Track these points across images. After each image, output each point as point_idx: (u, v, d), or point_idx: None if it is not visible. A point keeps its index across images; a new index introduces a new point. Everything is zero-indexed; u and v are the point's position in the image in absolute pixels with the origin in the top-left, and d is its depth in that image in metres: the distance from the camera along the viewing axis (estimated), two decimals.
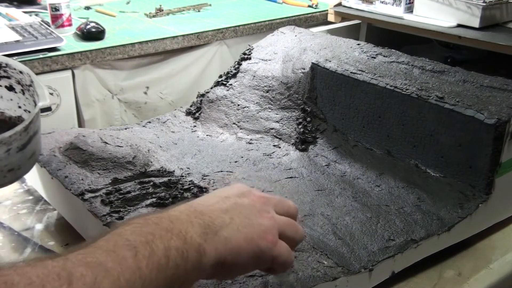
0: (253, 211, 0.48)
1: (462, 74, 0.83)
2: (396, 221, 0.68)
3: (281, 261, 0.48)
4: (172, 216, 0.44)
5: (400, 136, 0.79)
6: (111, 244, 0.39)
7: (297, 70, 0.94)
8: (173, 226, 0.42)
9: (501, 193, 0.72)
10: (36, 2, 1.83)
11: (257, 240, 0.46)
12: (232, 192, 0.50)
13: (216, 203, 0.48)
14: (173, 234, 0.41)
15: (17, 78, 0.72)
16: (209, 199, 0.49)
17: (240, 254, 0.45)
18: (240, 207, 0.48)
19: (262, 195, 0.51)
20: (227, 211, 0.47)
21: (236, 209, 0.48)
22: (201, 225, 0.44)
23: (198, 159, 0.85)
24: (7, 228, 0.78)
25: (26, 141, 0.63)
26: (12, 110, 0.75)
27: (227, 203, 0.48)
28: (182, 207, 0.46)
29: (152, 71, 1.59)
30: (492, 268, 0.70)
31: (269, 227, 0.48)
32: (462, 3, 1.38)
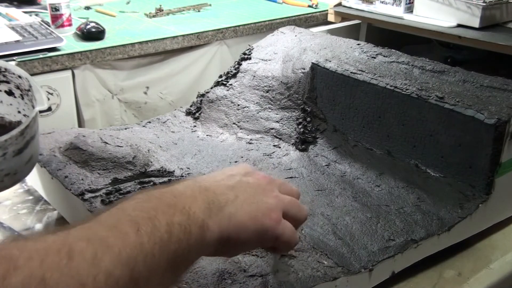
0: (258, 189, 0.49)
1: (462, 74, 0.83)
2: (396, 221, 0.68)
3: (285, 240, 0.48)
4: (176, 191, 0.44)
5: (400, 136, 0.79)
6: (114, 219, 0.39)
7: (297, 70, 0.94)
8: (177, 201, 0.42)
9: (501, 193, 0.72)
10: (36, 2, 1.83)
11: (261, 217, 0.46)
12: (237, 171, 0.51)
13: (221, 180, 0.48)
14: (176, 209, 0.41)
15: (16, 82, 0.72)
16: (215, 176, 0.49)
17: (244, 230, 0.45)
18: (246, 184, 0.49)
19: (267, 175, 0.52)
20: (233, 188, 0.47)
21: (241, 186, 0.48)
22: (205, 200, 0.44)
23: (198, 159, 0.85)
24: (7, 228, 0.78)
25: (23, 145, 0.62)
26: (12, 115, 0.75)
27: (233, 180, 0.49)
28: (188, 181, 0.47)
29: (152, 71, 1.59)
30: (492, 268, 0.70)
31: (274, 205, 0.48)
32: (462, 3, 1.38)
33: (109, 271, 0.35)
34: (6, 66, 0.72)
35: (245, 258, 0.59)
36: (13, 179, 0.65)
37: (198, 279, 0.56)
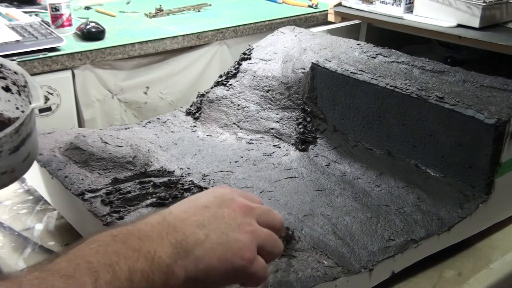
0: (232, 224, 0.45)
1: (462, 74, 0.83)
2: (396, 221, 0.68)
3: (257, 278, 0.46)
4: (142, 233, 0.41)
5: (400, 136, 0.79)
6: (71, 267, 0.37)
7: (297, 70, 0.94)
8: (142, 245, 0.40)
9: (501, 193, 0.72)
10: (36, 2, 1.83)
11: (231, 258, 0.44)
12: (212, 201, 0.47)
13: (193, 215, 0.45)
14: (140, 254, 0.39)
15: (13, 79, 0.71)
16: (187, 209, 0.46)
17: (212, 273, 0.43)
18: (219, 220, 0.45)
19: (245, 204, 0.48)
20: (204, 226, 0.44)
21: (213, 222, 0.45)
22: (173, 244, 0.42)
23: (198, 159, 0.85)
24: (7, 228, 0.78)
25: (19, 143, 0.61)
26: (10, 111, 0.74)
27: (205, 215, 0.45)
28: (156, 219, 0.44)
29: (152, 71, 1.59)
30: (492, 268, 0.70)
31: (247, 244, 0.45)
32: (462, 3, 1.38)
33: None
34: (2, 62, 0.71)
35: None
36: (10, 177, 0.64)
37: None
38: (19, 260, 0.72)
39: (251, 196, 0.51)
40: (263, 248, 0.46)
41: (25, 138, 0.62)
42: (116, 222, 0.64)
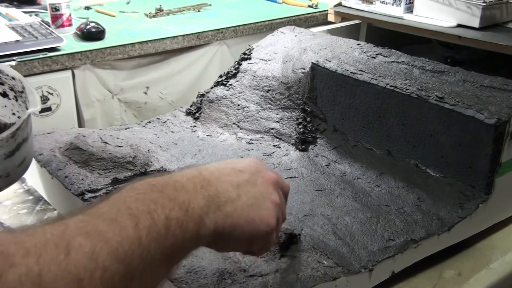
0: (263, 192, 0.48)
1: (462, 74, 0.83)
2: (396, 221, 0.68)
3: (268, 248, 0.50)
4: (178, 183, 0.44)
5: (400, 136, 0.79)
6: (114, 211, 0.39)
7: (297, 70, 0.94)
8: (177, 195, 0.42)
9: (501, 193, 0.72)
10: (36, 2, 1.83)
11: (258, 222, 0.47)
12: (248, 168, 0.50)
13: (228, 175, 0.48)
14: (175, 203, 0.42)
15: (10, 84, 0.71)
16: (223, 168, 0.49)
17: (237, 231, 0.45)
18: (251, 185, 0.48)
19: (276, 177, 0.51)
20: (238, 187, 0.47)
21: (246, 186, 0.48)
22: (205, 197, 0.44)
23: (198, 159, 0.85)
24: (7, 228, 0.78)
25: (14, 148, 0.61)
26: (6, 117, 0.74)
27: (240, 178, 0.48)
28: (192, 172, 0.46)
29: (152, 71, 1.59)
30: (492, 268, 0.70)
31: (273, 213, 0.48)
32: (462, 3, 1.38)
33: (105, 266, 0.35)
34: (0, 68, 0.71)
35: (245, 258, 0.59)
36: (5, 181, 0.64)
37: (198, 279, 0.56)
38: None
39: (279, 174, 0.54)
40: (278, 219, 0.50)
41: (21, 143, 0.62)
42: None
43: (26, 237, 0.34)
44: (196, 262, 0.58)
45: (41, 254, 0.33)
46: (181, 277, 0.56)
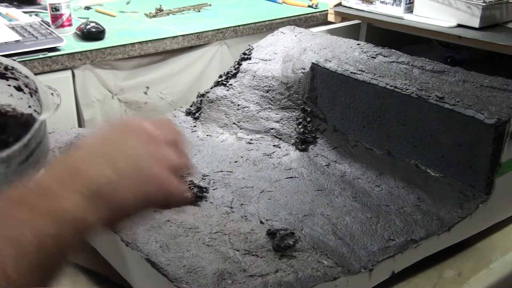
0: (140, 152, 0.42)
1: (462, 74, 0.83)
2: (396, 221, 0.68)
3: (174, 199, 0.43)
4: (40, 187, 0.37)
5: (400, 136, 0.79)
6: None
7: (297, 70, 0.94)
8: (44, 202, 0.36)
9: (501, 193, 0.72)
10: (36, 2, 1.83)
11: (145, 188, 0.41)
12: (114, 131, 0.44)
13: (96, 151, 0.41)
14: (42, 214, 0.35)
15: (25, 81, 0.71)
16: (90, 144, 0.42)
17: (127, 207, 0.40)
18: (125, 149, 0.42)
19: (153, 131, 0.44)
20: (109, 160, 0.40)
21: (120, 153, 0.41)
22: (77, 189, 0.38)
23: (198, 159, 0.85)
24: None
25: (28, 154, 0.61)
26: (23, 107, 0.74)
27: (109, 146, 0.42)
28: (55, 167, 0.40)
29: (152, 71, 1.59)
30: (492, 268, 0.70)
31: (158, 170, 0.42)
32: (462, 3, 1.38)
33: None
34: (13, 65, 0.72)
35: (245, 258, 0.59)
36: None
37: (198, 279, 0.56)
38: None
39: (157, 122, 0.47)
40: (174, 168, 0.43)
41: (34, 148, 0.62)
42: None
43: None
44: (196, 262, 0.58)
45: None
46: (181, 277, 0.56)
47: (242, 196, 0.74)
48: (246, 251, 0.60)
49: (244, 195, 0.75)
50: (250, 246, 0.61)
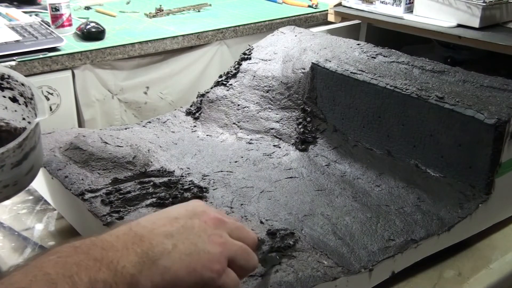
0: (202, 236, 0.44)
1: (462, 74, 0.83)
2: (396, 221, 0.68)
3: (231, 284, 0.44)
4: (106, 243, 0.40)
5: (400, 136, 0.79)
6: (28, 279, 0.35)
7: (297, 70, 0.94)
8: (105, 254, 0.39)
9: (501, 193, 0.72)
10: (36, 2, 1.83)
11: (200, 270, 0.42)
12: (184, 213, 0.46)
13: (162, 226, 0.44)
14: (102, 264, 0.38)
15: (20, 90, 0.71)
16: (156, 219, 0.45)
17: (179, 285, 0.42)
18: (188, 230, 0.44)
19: (217, 216, 0.47)
20: (172, 236, 0.43)
21: (183, 233, 0.44)
22: (138, 253, 0.40)
23: (198, 159, 0.85)
24: (7, 228, 0.78)
25: (22, 157, 0.61)
26: (17, 121, 0.74)
27: (175, 226, 0.44)
28: (122, 229, 0.43)
29: (152, 71, 1.59)
30: (492, 268, 0.70)
31: (217, 255, 0.44)
32: (462, 3, 1.38)
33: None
34: (9, 73, 0.71)
35: None
36: (13, 190, 0.64)
37: None
38: (19, 260, 0.72)
39: (225, 214, 0.50)
40: (235, 261, 0.45)
41: (28, 152, 0.62)
42: (116, 222, 0.64)
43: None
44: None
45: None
46: None
47: (242, 196, 0.74)
48: None
49: (244, 195, 0.75)
50: None
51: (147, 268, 0.40)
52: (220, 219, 0.47)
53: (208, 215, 0.46)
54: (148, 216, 0.46)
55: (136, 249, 0.41)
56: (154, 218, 0.45)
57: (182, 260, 0.42)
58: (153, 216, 0.46)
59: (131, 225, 0.44)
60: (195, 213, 0.46)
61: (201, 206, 0.48)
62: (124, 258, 0.39)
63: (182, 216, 0.46)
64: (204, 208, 0.47)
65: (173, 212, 0.46)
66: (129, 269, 0.39)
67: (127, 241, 0.41)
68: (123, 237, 0.41)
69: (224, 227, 0.46)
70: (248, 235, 0.49)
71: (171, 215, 0.46)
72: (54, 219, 0.81)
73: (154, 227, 0.44)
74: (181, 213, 0.46)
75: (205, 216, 0.46)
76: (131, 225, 0.44)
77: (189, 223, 0.45)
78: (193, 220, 0.45)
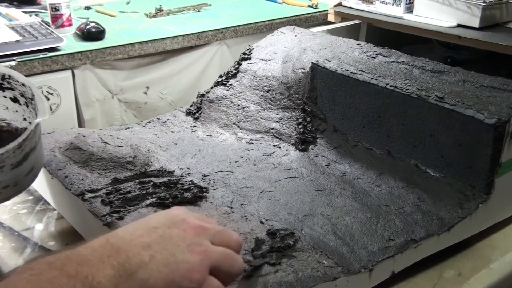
0: (181, 245, 0.43)
1: (462, 74, 0.83)
2: (396, 221, 0.68)
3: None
4: (81, 257, 0.39)
5: (400, 136, 0.79)
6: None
7: (297, 70, 0.94)
8: (80, 270, 0.38)
9: (501, 193, 0.72)
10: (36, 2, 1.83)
11: (179, 280, 0.41)
12: (163, 222, 0.45)
13: (139, 236, 0.43)
14: (77, 280, 0.37)
15: (21, 90, 0.71)
16: (134, 230, 0.44)
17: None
18: (167, 241, 0.43)
19: (197, 224, 0.46)
20: (149, 247, 0.42)
21: (160, 243, 0.42)
22: (114, 266, 0.39)
23: (198, 159, 0.85)
24: (7, 228, 0.78)
25: (22, 158, 0.61)
26: (18, 121, 0.74)
27: (153, 236, 0.43)
28: (99, 241, 0.42)
29: (152, 71, 1.59)
30: (492, 268, 0.70)
31: (197, 265, 0.42)
32: (462, 3, 1.38)
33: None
34: (10, 73, 0.71)
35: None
36: (13, 191, 0.64)
37: None
38: (19, 260, 0.72)
39: (206, 218, 0.49)
40: (219, 268, 0.44)
41: (28, 153, 0.62)
42: (116, 222, 0.64)
43: None
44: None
45: None
46: None
47: (242, 196, 0.74)
48: (246, 251, 0.60)
49: (244, 195, 0.75)
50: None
51: (124, 282, 0.39)
52: (200, 226, 0.45)
53: (187, 223, 0.45)
54: (127, 226, 0.45)
55: (112, 262, 0.40)
56: (132, 228, 0.44)
57: (160, 272, 0.41)
58: (131, 226, 0.45)
59: (109, 236, 0.42)
60: (174, 222, 0.45)
61: (181, 214, 0.46)
62: (99, 273, 0.38)
63: (161, 225, 0.44)
64: (184, 216, 0.46)
65: (152, 222, 0.45)
66: (105, 284, 0.38)
67: (103, 254, 0.40)
68: (99, 250, 0.40)
69: (205, 234, 0.45)
70: (231, 238, 0.47)
71: (149, 224, 0.45)
72: (54, 219, 0.81)
73: (132, 238, 0.42)
74: (160, 222, 0.45)
75: (185, 225, 0.45)
76: (109, 236, 0.42)
77: (168, 232, 0.44)
78: (171, 229, 0.44)
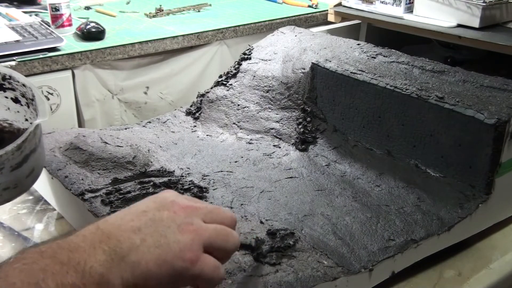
0: (171, 226, 0.43)
1: (462, 74, 0.83)
2: (396, 221, 0.68)
3: (204, 279, 0.43)
4: (72, 244, 0.39)
5: (400, 136, 0.79)
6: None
7: (297, 70, 0.94)
8: (72, 256, 0.38)
9: (501, 193, 0.72)
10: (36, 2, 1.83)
11: (171, 260, 0.41)
12: (152, 205, 0.45)
13: (129, 221, 0.43)
14: (69, 267, 0.37)
15: (22, 91, 0.71)
16: (124, 215, 0.44)
17: (152, 278, 0.41)
18: (157, 223, 0.43)
19: (188, 204, 0.46)
20: (140, 230, 0.42)
21: (151, 226, 0.43)
22: (106, 251, 0.40)
23: (198, 159, 0.85)
24: (7, 228, 0.78)
25: (21, 159, 0.60)
26: (20, 122, 0.74)
27: (142, 219, 0.43)
28: (90, 229, 0.42)
29: (152, 71, 1.59)
30: (492, 268, 0.70)
31: (188, 244, 0.43)
32: (462, 3, 1.38)
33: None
34: (11, 74, 0.71)
35: (245, 258, 0.59)
36: (14, 193, 0.63)
37: None
38: None
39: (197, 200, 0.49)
40: (213, 245, 0.44)
41: (28, 154, 0.61)
42: None
43: None
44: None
45: None
46: None
47: (242, 196, 0.74)
48: (246, 251, 0.60)
49: (244, 195, 0.75)
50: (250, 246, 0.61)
51: (116, 265, 0.39)
52: (191, 206, 0.46)
53: (178, 204, 0.45)
54: (117, 213, 0.45)
55: (104, 247, 0.40)
56: (122, 214, 0.44)
57: (151, 253, 0.41)
58: (121, 212, 0.45)
59: (99, 223, 0.43)
60: (163, 205, 0.45)
61: (170, 196, 0.46)
62: (91, 258, 0.39)
63: (151, 209, 0.45)
64: (173, 198, 0.46)
65: (141, 206, 0.45)
66: (97, 269, 0.38)
67: (94, 240, 0.40)
68: (90, 237, 0.41)
69: (196, 213, 0.45)
70: (224, 215, 0.47)
71: (139, 209, 0.45)
72: (54, 219, 0.81)
73: (122, 223, 0.43)
74: (149, 206, 0.45)
75: (175, 206, 0.45)
76: (99, 223, 0.43)
77: (158, 215, 0.44)
78: (161, 212, 0.44)
